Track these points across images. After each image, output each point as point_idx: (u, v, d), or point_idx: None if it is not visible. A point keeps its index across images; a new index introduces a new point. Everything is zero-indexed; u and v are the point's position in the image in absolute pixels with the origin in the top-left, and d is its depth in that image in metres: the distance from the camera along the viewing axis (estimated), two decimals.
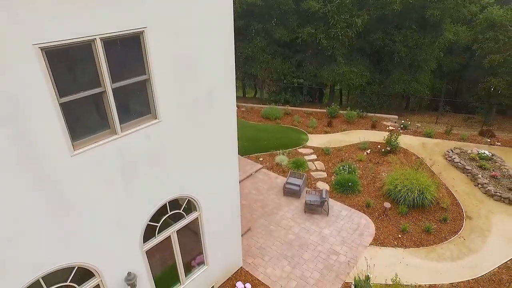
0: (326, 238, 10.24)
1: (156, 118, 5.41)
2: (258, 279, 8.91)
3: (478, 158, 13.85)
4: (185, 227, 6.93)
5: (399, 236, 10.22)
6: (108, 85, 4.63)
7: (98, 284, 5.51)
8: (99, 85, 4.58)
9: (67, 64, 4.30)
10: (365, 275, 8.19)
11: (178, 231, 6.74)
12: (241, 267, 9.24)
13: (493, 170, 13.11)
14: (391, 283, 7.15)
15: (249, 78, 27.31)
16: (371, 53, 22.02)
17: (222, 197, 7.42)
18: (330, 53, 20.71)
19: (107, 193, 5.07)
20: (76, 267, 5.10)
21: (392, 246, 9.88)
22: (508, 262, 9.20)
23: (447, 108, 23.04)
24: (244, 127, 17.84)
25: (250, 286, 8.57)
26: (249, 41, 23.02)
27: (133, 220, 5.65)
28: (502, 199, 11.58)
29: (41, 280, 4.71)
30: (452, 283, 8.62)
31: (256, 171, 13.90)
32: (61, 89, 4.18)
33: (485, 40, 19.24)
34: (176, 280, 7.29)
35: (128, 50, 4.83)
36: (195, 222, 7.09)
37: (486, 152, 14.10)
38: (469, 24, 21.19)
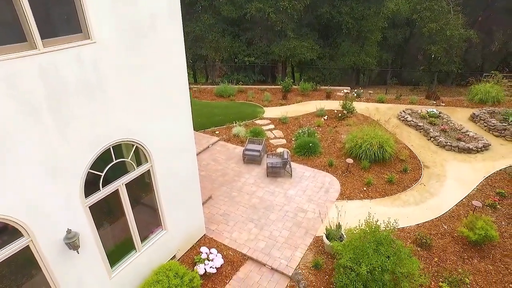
0: (292, 198, 9.83)
1: (88, 38, 4.48)
2: (224, 244, 8.23)
3: (428, 116, 14.41)
4: (137, 182, 6.04)
5: (364, 189, 10.13)
6: None
7: (28, 245, 4.47)
8: None
9: None
10: (336, 224, 7.89)
11: (128, 187, 5.83)
12: (204, 235, 8.50)
13: (442, 124, 13.69)
14: (364, 224, 6.87)
15: (200, 61, 26.23)
16: (320, 28, 22.17)
17: (176, 146, 6.58)
18: (279, 28, 20.44)
19: (30, 126, 4.07)
20: None
21: (358, 199, 9.74)
22: (464, 200, 9.55)
23: (394, 80, 24.08)
24: (197, 105, 16.94)
25: (216, 251, 7.87)
26: (196, 20, 22.02)
27: (70, 166, 4.67)
28: (452, 148, 12.10)
29: None
30: (418, 224, 8.68)
31: (213, 144, 13.14)
32: None
33: (422, 10, 20.39)
34: (131, 246, 6.36)
35: None
36: (148, 176, 6.22)
37: (434, 110, 14.71)
38: None
